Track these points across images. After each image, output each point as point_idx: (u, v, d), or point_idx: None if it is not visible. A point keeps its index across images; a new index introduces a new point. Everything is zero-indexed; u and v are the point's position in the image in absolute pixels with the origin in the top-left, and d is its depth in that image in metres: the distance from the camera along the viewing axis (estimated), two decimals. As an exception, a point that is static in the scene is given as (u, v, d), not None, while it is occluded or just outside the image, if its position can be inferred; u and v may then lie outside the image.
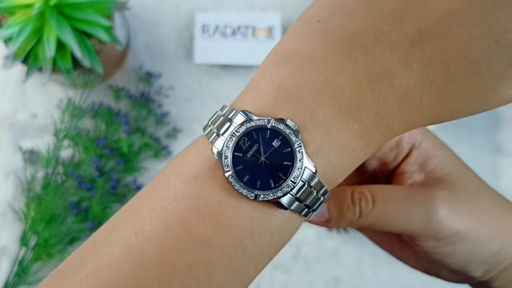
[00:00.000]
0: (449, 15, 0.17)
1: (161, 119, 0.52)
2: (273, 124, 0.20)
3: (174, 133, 0.53)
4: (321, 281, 0.52)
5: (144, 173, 0.52)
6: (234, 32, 0.52)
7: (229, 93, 0.54)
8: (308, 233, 0.52)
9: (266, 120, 0.20)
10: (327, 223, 0.27)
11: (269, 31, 0.52)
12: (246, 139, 0.20)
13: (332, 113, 0.19)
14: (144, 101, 0.52)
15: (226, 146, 0.20)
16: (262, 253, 0.20)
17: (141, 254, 0.18)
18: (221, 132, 0.20)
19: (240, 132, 0.20)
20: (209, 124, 0.21)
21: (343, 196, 0.26)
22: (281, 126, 0.20)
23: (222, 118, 0.21)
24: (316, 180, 0.20)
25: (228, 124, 0.20)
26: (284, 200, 0.20)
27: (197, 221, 0.19)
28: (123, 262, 0.18)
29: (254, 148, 0.20)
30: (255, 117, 0.20)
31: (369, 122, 0.19)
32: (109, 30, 0.44)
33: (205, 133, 0.21)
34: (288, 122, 0.20)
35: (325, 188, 0.20)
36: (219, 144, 0.20)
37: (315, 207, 0.21)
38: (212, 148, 0.20)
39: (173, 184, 0.20)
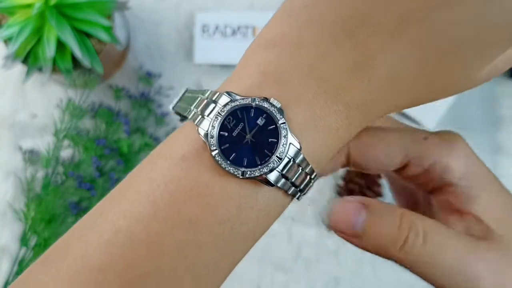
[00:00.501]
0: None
1: (161, 119, 0.52)
2: (257, 102, 0.20)
3: (174, 133, 0.53)
4: (321, 281, 0.52)
5: (144, 173, 0.52)
6: (234, 32, 0.52)
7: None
8: (309, 233, 0.52)
9: (250, 99, 0.20)
10: (355, 239, 0.22)
11: (269, 31, 0.52)
12: (231, 118, 0.20)
13: (317, 94, 0.19)
14: (144, 101, 0.52)
15: (212, 126, 0.20)
16: (249, 231, 0.20)
17: (130, 236, 0.18)
18: (206, 113, 0.21)
19: (225, 111, 0.20)
20: (192, 108, 0.21)
21: (389, 214, 0.21)
22: (266, 104, 0.20)
23: (206, 101, 0.21)
24: (301, 156, 0.20)
25: (212, 105, 0.21)
26: (271, 177, 0.20)
27: (185, 202, 0.19)
28: (112, 245, 0.18)
29: (240, 127, 0.20)
30: (238, 97, 0.20)
31: (354, 104, 0.19)
32: (109, 30, 0.44)
33: (190, 117, 0.21)
34: (272, 100, 0.20)
35: (310, 166, 0.21)
36: (205, 125, 0.20)
37: (302, 186, 0.21)
38: (198, 129, 0.20)
39: (161, 166, 0.20)
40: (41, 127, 0.53)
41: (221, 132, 0.20)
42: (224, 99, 0.21)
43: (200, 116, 0.21)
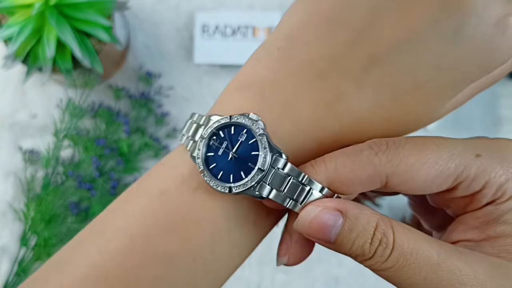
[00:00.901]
0: (397, 44, 0.19)
1: (161, 119, 0.52)
2: (236, 119, 0.21)
3: (174, 133, 0.53)
4: (321, 281, 0.52)
5: (144, 173, 0.52)
6: (234, 32, 0.52)
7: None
8: (308, 233, 0.52)
9: (228, 117, 0.21)
10: (326, 244, 0.21)
11: (269, 31, 0.52)
12: (215, 138, 0.21)
13: (291, 133, 0.20)
14: (144, 101, 0.52)
15: (198, 149, 0.21)
16: (222, 267, 0.21)
17: (105, 272, 0.19)
18: (196, 138, 0.21)
19: (208, 133, 0.21)
20: (183, 133, 0.22)
21: (364, 226, 0.20)
22: (244, 120, 0.21)
23: (194, 125, 0.22)
24: (288, 166, 0.20)
25: (201, 129, 0.22)
26: (263, 191, 0.21)
27: (162, 238, 0.19)
28: (87, 280, 0.19)
29: (224, 145, 0.21)
30: (218, 117, 0.21)
31: (326, 141, 0.20)
32: (109, 30, 0.44)
33: (182, 142, 0.22)
34: (251, 115, 0.21)
35: (304, 174, 0.20)
36: (193, 149, 0.21)
37: (297, 197, 0.21)
38: (190, 155, 0.21)
39: (139, 201, 0.20)
40: (41, 127, 0.53)
41: (208, 154, 0.21)
42: (210, 121, 0.21)
43: (191, 142, 0.22)
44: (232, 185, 0.21)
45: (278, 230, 0.54)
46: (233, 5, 0.55)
